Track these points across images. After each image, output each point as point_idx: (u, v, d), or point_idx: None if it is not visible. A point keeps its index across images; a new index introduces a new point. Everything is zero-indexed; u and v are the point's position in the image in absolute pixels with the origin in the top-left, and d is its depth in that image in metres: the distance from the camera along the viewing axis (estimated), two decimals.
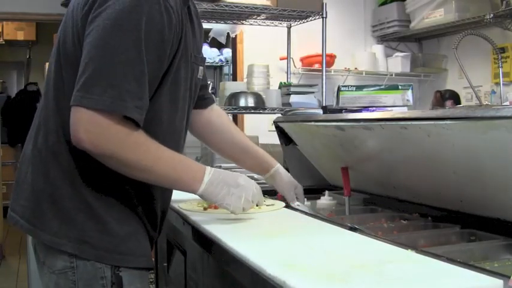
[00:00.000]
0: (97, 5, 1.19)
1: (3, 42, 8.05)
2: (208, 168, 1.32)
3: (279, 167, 1.72)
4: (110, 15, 1.16)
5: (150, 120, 1.23)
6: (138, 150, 1.20)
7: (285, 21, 4.08)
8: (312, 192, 2.05)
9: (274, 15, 3.84)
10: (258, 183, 1.43)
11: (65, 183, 1.25)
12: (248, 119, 4.83)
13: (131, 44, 1.16)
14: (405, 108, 1.94)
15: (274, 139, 2.50)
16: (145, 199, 1.33)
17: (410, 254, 1.11)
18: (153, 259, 2.43)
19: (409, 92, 1.99)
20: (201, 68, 1.44)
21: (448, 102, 4.44)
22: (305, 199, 1.76)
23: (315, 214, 1.62)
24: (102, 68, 1.15)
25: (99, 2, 1.19)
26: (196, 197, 1.36)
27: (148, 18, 1.17)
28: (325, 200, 1.95)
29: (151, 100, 1.23)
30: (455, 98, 4.56)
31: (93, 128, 1.15)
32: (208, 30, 5.06)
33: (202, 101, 1.66)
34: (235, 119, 4.92)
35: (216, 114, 1.72)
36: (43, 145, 1.29)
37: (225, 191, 1.32)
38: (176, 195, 1.66)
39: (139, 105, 1.17)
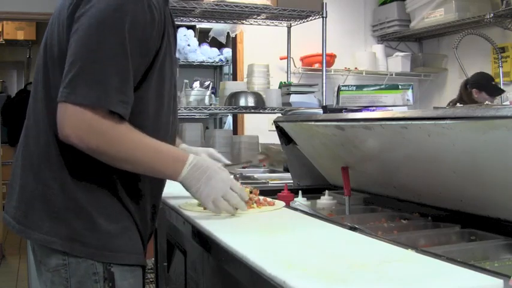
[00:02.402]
0: (82, 4, 1.22)
1: (3, 42, 8.03)
2: (187, 162, 1.33)
3: (183, 145, 1.77)
4: (94, 14, 1.20)
5: (137, 114, 1.27)
6: (121, 143, 1.24)
7: (285, 20, 4.07)
8: (312, 192, 2.05)
9: (274, 14, 3.83)
10: (257, 184, 1.43)
11: (56, 183, 1.28)
12: (248, 118, 4.82)
13: (115, 41, 1.20)
14: (405, 108, 1.94)
15: (274, 139, 2.50)
16: (134, 196, 1.35)
17: (410, 254, 1.11)
18: (153, 258, 2.43)
19: (409, 92, 1.99)
20: (177, 69, 1.50)
21: (474, 91, 3.86)
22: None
23: (315, 214, 1.62)
24: (87, 65, 1.19)
25: (84, 1, 1.22)
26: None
27: (132, 16, 1.21)
28: (325, 200, 1.95)
29: (139, 95, 1.27)
30: (479, 84, 3.89)
31: (79, 123, 1.19)
32: (208, 30, 5.06)
33: None
34: (235, 118, 4.92)
35: None
36: (34, 146, 1.32)
37: (198, 186, 1.36)
38: (175, 193, 1.67)
39: (125, 99, 1.22)
